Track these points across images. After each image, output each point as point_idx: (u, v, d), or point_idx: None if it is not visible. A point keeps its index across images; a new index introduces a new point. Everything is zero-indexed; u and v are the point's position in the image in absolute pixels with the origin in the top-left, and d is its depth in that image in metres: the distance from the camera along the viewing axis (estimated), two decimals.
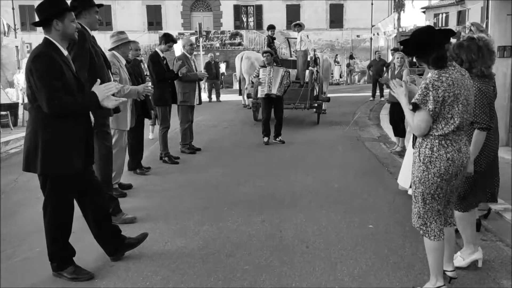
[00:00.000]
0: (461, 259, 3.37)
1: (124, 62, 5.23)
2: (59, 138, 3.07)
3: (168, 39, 6.86)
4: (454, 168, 2.75)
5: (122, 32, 5.26)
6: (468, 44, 3.23)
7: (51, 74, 2.98)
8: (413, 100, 2.75)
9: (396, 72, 7.43)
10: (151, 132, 8.96)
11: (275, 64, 8.72)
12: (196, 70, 7.51)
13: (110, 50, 5.10)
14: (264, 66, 8.60)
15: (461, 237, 3.48)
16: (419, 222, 2.90)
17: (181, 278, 3.30)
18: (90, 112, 3.38)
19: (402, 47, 2.94)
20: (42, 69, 2.97)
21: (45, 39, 3.12)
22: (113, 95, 3.29)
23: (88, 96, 3.15)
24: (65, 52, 3.19)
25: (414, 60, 15.59)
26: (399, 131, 7.59)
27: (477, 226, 3.89)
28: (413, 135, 3.24)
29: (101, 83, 3.38)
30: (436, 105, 2.67)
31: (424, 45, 2.75)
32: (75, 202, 3.33)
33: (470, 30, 4.48)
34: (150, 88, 5.25)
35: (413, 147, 3.24)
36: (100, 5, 4.28)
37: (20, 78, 13.87)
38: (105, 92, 3.15)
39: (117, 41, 5.12)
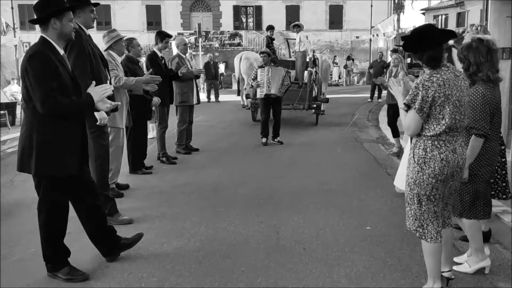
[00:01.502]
0: (467, 265, 3.33)
1: (120, 60, 5.21)
2: (54, 139, 3.04)
3: (163, 36, 6.80)
4: (449, 168, 2.74)
5: (112, 31, 5.23)
6: (477, 45, 3.16)
7: (46, 74, 2.95)
8: (404, 101, 2.75)
9: (393, 74, 7.42)
10: (151, 130, 8.87)
11: (272, 64, 8.69)
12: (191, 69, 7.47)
13: (105, 50, 5.08)
14: (261, 67, 8.57)
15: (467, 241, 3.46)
16: (415, 225, 2.87)
17: (177, 279, 3.27)
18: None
19: (402, 42, 2.92)
20: (37, 68, 2.95)
21: (42, 38, 3.09)
22: (110, 98, 3.27)
23: (84, 98, 3.13)
24: (61, 52, 3.16)
25: (414, 62, 15.56)
26: (397, 132, 7.58)
27: (487, 236, 3.83)
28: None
29: (98, 82, 3.37)
30: (424, 104, 2.66)
31: (421, 42, 2.74)
32: (69, 202, 3.30)
33: (477, 30, 4.44)
34: (155, 77, 5.19)
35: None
36: (97, 4, 4.25)
37: (13, 89, 13.86)
38: (101, 93, 3.13)
39: (110, 41, 5.10)
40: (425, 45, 2.72)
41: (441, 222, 2.88)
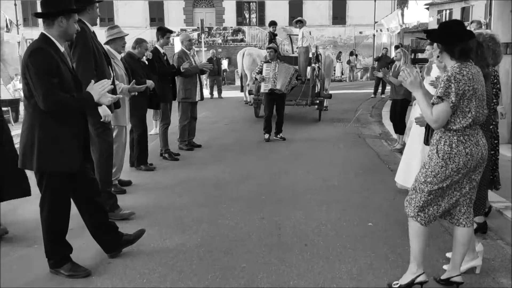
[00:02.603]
0: None
1: (118, 57, 5.20)
2: (56, 135, 3.05)
3: (164, 32, 6.79)
4: (473, 161, 2.76)
5: (113, 27, 5.21)
6: None
7: (48, 70, 2.96)
8: (438, 94, 2.73)
9: (396, 68, 7.40)
10: (155, 127, 8.88)
11: (279, 61, 8.66)
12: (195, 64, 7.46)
13: (104, 44, 5.08)
14: (267, 62, 8.54)
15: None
16: (415, 210, 2.87)
17: (179, 275, 3.28)
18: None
19: (426, 34, 2.92)
20: (38, 65, 2.95)
21: (42, 35, 3.09)
22: (111, 92, 3.28)
23: (84, 95, 3.14)
24: (62, 49, 3.16)
25: (417, 57, 15.45)
26: (399, 128, 7.55)
27: (483, 228, 3.84)
28: (426, 132, 3.19)
29: (100, 79, 3.37)
30: (457, 97, 2.68)
31: (454, 35, 2.74)
32: (71, 199, 3.31)
33: (480, 26, 4.45)
34: (137, 87, 5.18)
35: (425, 143, 3.20)
36: (100, 1, 4.29)
37: (17, 85, 13.96)
38: (100, 90, 3.15)
39: (108, 36, 5.11)
40: (456, 37, 2.73)
41: (441, 209, 2.87)
